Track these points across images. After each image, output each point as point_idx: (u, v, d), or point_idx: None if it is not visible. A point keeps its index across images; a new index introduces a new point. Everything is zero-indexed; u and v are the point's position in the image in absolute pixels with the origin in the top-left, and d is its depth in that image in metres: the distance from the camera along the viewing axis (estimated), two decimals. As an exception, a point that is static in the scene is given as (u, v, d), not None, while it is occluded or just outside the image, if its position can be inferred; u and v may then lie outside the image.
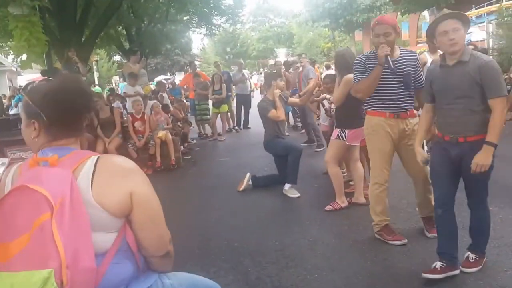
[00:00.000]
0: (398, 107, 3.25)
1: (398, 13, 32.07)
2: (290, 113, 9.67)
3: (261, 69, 42.08)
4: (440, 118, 2.79)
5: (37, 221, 1.04)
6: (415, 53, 3.50)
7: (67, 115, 1.26)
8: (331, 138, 4.29)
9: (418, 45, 33.59)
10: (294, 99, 5.57)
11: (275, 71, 9.47)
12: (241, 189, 5.30)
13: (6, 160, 1.42)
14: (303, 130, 8.93)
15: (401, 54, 3.28)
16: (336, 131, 4.18)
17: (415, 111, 3.37)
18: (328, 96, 4.68)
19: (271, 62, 53.26)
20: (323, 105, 5.24)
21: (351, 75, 3.94)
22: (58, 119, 1.24)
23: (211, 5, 15.29)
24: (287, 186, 4.98)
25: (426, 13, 33.00)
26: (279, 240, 3.73)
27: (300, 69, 8.57)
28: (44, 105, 1.23)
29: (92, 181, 1.18)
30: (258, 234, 3.94)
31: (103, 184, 1.19)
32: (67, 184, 1.12)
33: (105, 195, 1.18)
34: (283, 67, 9.68)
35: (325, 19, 30.40)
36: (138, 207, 1.23)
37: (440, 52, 3.13)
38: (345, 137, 4.11)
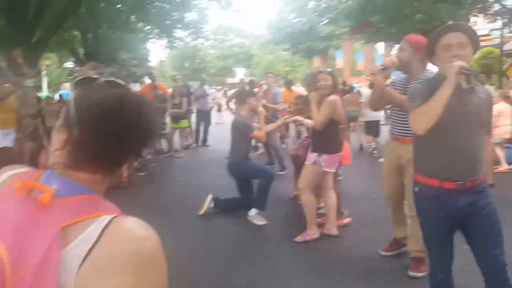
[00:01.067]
0: (397, 130, 3.25)
1: (354, 43, 33.31)
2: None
3: (219, 87, 41.91)
4: (436, 158, 2.15)
5: None
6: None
7: (109, 144, 0.83)
8: (306, 163, 3.97)
9: (372, 75, 34.94)
10: (257, 133, 5.09)
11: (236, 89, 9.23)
12: (201, 212, 4.86)
13: None
14: (261, 151, 8.60)
15: (421, 76, 3.01)
16: (313, 156, 3.88)
17: None
18: (300, 118, 4.40)
19: (230, 80, 53.26)
20: (295, 127, 4.96)
21: (334, 97, 3.71)
22: (92, 143, 0.81)
23: (174, 17, 14.90)
24: (253, 211, 4.60)
25: (379, 45, 34.51)
26: (246, 275, 3.33)
27: (265, 87, 8.31)
28: (85, 117, 0.81)
29: (85, 258, 0.71)
30: (223, 267, 3.51)
31: (100, 269, 0.71)
32: (44, 246, 0.69)
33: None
34: (248, 86, 9.38)
35: (287, 43, 30.82)
36: None
37: None
38: (322, 162, 3.81)
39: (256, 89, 9.39)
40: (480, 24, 24.21)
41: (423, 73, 3.04)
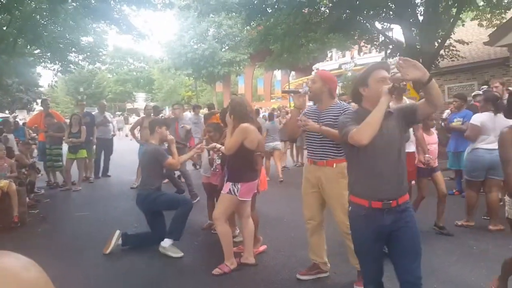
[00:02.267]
0: (314, 155, 3.40)
1: (254, 70, 34.65)
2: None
3: (118, 112, 40.18)
4: (365, 179, 2.32)
5: None
6: (344, 105, 3.39)
7: None
8: (222, 192, 3.89)
9: (271, 100, 36.50)
10: (171, 160, 4.94)
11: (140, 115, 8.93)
12: (108, 251, 4.46)
13: None
14: (166, 180, 8.28)
15: (331, 106, 3.34)
16: (228, 185, 3.81)
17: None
18: (218, 146, 4.33)
19: (129, 106, 51.43)
20: (208, 154, 4.88)
21: (246, 124, 3.72)
22: None
23: (68, 40, 13.94)
24: (167, 242, 4.34)
25: (277, 72, 36.35)
26: (165, 317, 3.11)
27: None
28: None
29: None
30: (137, 310, 3.24)
31: None
32: None
33: None
34: (153, 112, 9.05)
35: (188, 68, 30.72)
36: None
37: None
38: (237, 191, 3.77)
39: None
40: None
41: (331, 104, 3.35)
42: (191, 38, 30.19)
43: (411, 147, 4.51)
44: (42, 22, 12.10)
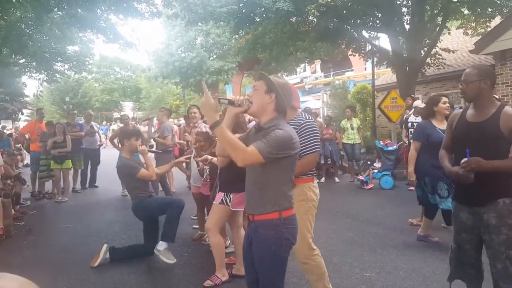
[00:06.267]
0: None
1: (242, 78, 34.77)
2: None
3: (104, 122, 39.81)
4: None
5: None
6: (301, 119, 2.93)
7: None
8: (214, 202, 3.83)
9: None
10: (144, 172, 4.65)
11: (122, 124, 8.96)
12: (96, 264, 4.36)
13: None
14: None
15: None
16: (220, 195, 3.76)
17: None
18: (209, 157, 4.26)
19: (116, 115, 51.21)
20: (198, 165, 4.81)
21: (238, 135, 3.66)
22: None
23: (54, 49, 13.79)
24: (162, 245, 4.21)
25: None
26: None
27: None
28: None
29: None
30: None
31: None
32: None
33: None
34: (131, 121, 9.03)
35: (176, 77, 30.58)
36: None
37: None
38: (229, 202, 3.71)
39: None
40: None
41: (293, 115, 2.94)
42: (178, 47, 30.11)
43: None
44: (27, 31, 11.98)
